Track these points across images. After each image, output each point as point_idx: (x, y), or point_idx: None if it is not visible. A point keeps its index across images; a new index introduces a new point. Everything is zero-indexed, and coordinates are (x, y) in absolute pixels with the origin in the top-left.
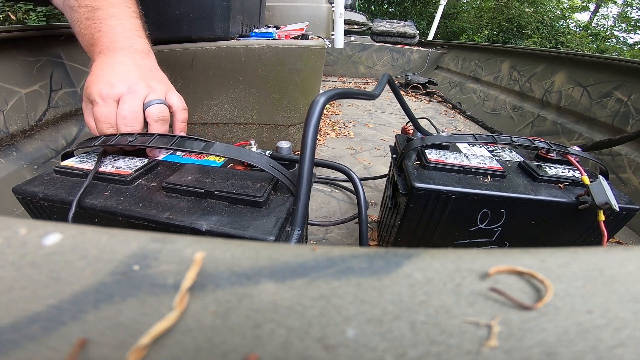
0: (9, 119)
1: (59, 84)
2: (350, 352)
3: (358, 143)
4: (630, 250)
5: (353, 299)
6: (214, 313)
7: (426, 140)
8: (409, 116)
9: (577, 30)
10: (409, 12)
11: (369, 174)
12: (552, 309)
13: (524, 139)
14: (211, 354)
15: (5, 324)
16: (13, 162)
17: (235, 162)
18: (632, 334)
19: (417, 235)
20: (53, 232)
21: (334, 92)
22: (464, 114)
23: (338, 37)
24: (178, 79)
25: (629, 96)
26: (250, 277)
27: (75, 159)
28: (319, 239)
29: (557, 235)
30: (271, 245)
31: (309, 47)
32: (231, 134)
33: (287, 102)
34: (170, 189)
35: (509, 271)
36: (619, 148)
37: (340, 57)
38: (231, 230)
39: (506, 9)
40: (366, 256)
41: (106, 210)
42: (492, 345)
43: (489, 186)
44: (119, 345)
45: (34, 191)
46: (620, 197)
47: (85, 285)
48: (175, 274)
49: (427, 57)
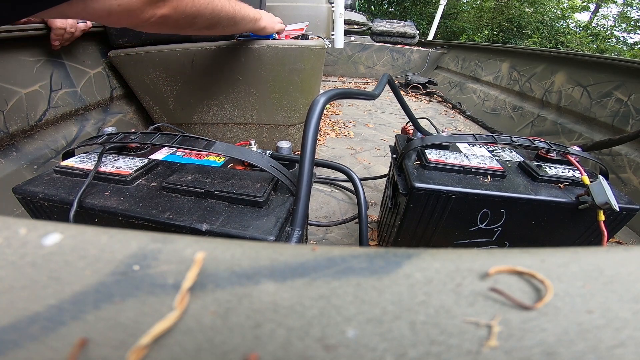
0: (9, 119)
1: (59, 84)
2: (350, 352)
3: (358, 143)
4: (630, 250)
5: (353, 299)
6: (214, 313)
7: (426, 140)
8: (409, 116)
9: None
10: (409, 12)
11: (369, 174)
12: (552, 309)
13: (524, 139)
14: (211, 354)
15: (5, 324)
16: (13, 162)
17: (235, 162)
18: (632, 334)
19: (417, 235)
20: (53, 232)
21: (334, 92)
22: (464, 114)
23: (338, 37)
24: (178, 79)
25: (629, 96)
26: (250, 277)
27: (75, 159)
28: (319, 239)
29: (557, 235)
30: (271, 245)
31: (309, 47)
32: (231, 134)
33: (287, 102)
34: (170, 189)
35: (509, 271)
36: (619, 148)
37: (340, 57)
38: (231, 230)
39: (506, 9)
40: (366, 256)
41: (106, 210)
42: (492, 345)
43: (489, 186)
44: (119, 345)
45: (34, 191)
46: (620, 197)
47: (85, 285)
48: (175, 274)
49: (427, 57)
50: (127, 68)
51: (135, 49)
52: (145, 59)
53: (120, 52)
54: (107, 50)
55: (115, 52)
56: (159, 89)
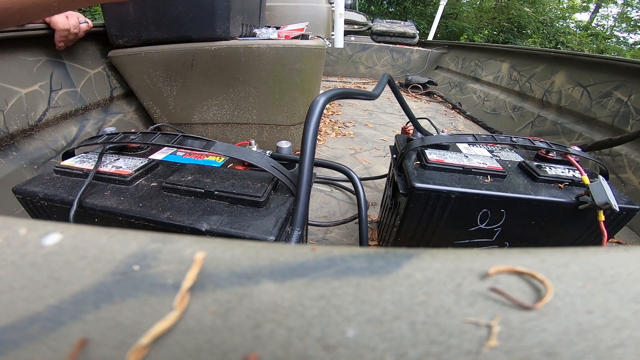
0: (9, 119)
1: (59, 84)
2: (350, 352)
3: (358, 143)
4: (630, 250)
5: (353, 299)
6: (214, 313)
7: (426, 140)
8: (409, 116)
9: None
10: (409, 12)
11: (369, 174)
12: (552, 309)
13: (524, 139)
14: (211, 354)
15: (5, 324)
16: (13, 162)
17: (235, 162)
18: (632, 334)
19: (417, 235)
20: (53, 232)
21: (334, 92)
22: (464, 114)
23: (338, 37)
24: (178, 79)
25: (629, 96)
26: (250, 277)
27: (75, 159)
28: (319, 239)
29: (557, 235)
30: (271, 245)
31: (309, 47)
32: (231, 134)
33: (287, 102)
34: (170, 189)
35: (509, 271)
36: (619, 148)
37: (340, 57)
38: (231, 230)
39: (506, 9)
40: (366, 256)
41: (106, 210)
42: (492, 345)
43: (489, 186)
44: (119, 345)
45: (34, 191)
46: (620, 197)
47: (85, 285)
48: (175, 274)
49: (427, 57)
50: (127, 68)
51: (135, 49)
52: (145, 59)
53: (120, 52)
54: (107, 50)
55: (116, 52)
56: (159, 89)
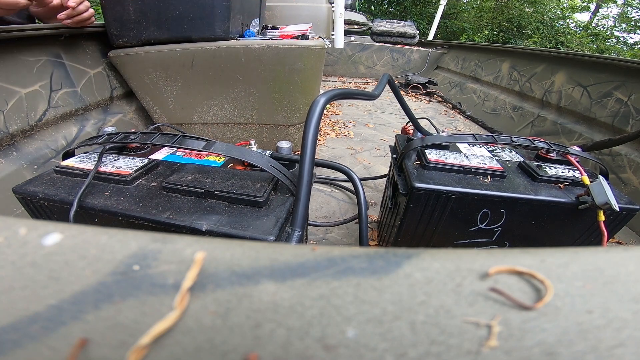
0: (9, 119)
1: (59, 84)
2: (350, 352)
3: (358, 143)
4: (630, 250)
5: (353, 299)
6: (214, 313)
7: (426, 140)
8: (409, 116)
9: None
10: (409, 12)
11: (369, 174)
12: (552, 309)
13: (524, 139)
14: (211, 354)
15: (5, 324)
16: (13, 162)
17: (235, 162)
18: (632, 334)
19: (417, 235)
20: (53, 232)
21: (334, 92)
22: (464, 114)
23: (338, 37)
24: (178, 79)
25: (629, 96)
26: (250, 277)
27: (75, 159)
28: (319, 239)
29: (557, 235)
30: (271, 245)
31: (309, 47)
32: (231, 134)
33: (287, 102)
34: (170, 189)
35: (509, 271)
36: (619, 148)
37: (340, 57)
38: (231, 230)
39: (506, 9)
40: (366, 256)
41: (106, 210)
42: (492, 345)
43: (489, 186)
44: (119, 345)
45: (34, 191)
46: (620, 197)
47: (85, 285)
48: (175, 274)
49: (427, 57)
50: (127, 68)
51: (135, 49)
52: (145, 59)
53: (120, 52)
54: (107, 50)
55: (116, 52)
56: (159, 89)
